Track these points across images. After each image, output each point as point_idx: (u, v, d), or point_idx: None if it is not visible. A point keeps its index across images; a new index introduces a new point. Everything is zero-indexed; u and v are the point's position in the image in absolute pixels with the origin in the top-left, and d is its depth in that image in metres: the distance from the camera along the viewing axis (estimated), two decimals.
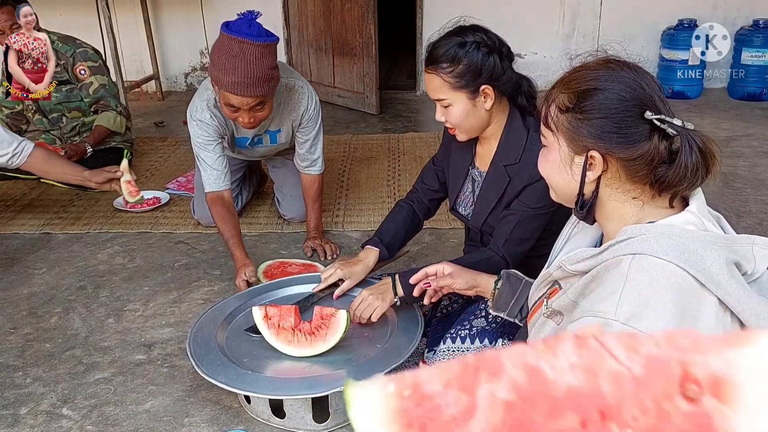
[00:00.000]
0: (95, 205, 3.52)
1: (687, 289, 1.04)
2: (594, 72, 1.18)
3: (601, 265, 1.13)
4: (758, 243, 1.13)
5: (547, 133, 1.24)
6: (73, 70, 3.60)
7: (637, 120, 1.13)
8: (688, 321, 1.03)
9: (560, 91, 1.20)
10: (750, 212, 3.21)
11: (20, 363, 2.24)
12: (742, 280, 1.07)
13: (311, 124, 2.87)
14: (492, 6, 5.37)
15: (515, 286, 1.69)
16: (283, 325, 1.93)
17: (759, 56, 5.14)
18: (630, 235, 1.11)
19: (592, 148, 1.16)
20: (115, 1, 5.39)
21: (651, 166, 1.13)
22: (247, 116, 2.46)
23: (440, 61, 1.82)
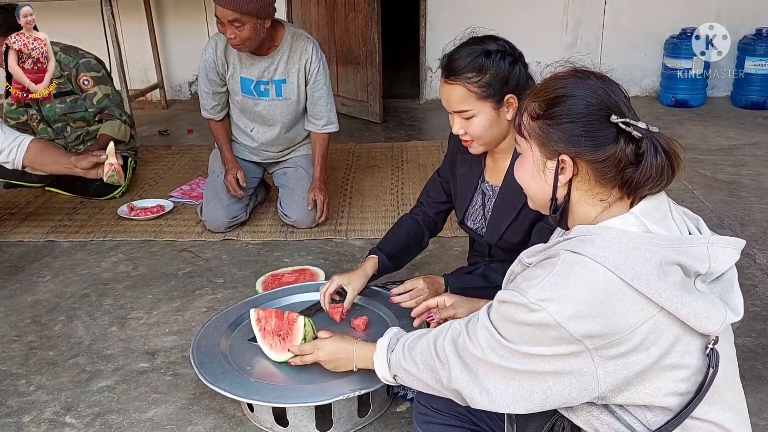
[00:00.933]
0: (99, 213, 3.52)
1: (607, 288, 1.11)
2: (563, 80, 1.24)
3: (544, 255, 1.23)
4: (715, 243, 1.18)
5: (520, 141, 1.29)
6: (76, 80, 3.62)
7: (604, 124, 1.18)
8: (606, 315, 1.11)
9: (531, 100, 1.26)
10: (754, 221, 3.20)
11: (24, 371, 2.24)
12: (676, 280, 1.12)
13: (320, 77, 3.12)
14: (495, 15, 5.38)
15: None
16: (267, 328, 1.94)
17: (762, 65, 5.14)
18: (575, 234, 1.20)
19: (563, 152, 1.21)
20: (121, 11, 5.42)
21: (619, 168, 1.18)
22: (230, 31, 2.84)
23: (465, 71, 1.77)
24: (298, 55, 3.08)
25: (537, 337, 1.15)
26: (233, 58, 3.10)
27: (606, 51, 5.61)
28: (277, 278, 2.70)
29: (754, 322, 2.39)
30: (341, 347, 1.69)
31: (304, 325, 1.84)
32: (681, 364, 1.15)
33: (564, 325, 1.11)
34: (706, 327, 1.13)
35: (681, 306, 1.11)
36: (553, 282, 1.14)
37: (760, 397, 2.02)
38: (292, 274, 2.73)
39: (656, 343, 1.13)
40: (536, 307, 1.13)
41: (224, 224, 3.17)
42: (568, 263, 1.15)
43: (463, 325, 1.31)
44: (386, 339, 1.53)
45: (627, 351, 1.12)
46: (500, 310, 1.21)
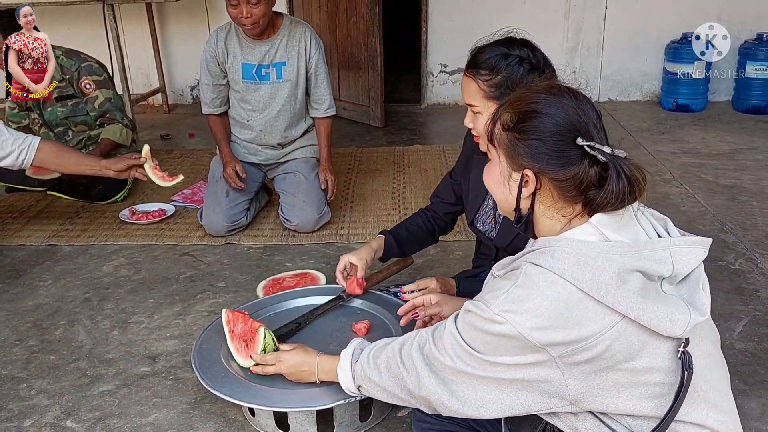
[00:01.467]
0: (101, 217, 3.53)
1: (567, 299, 1.13)
2: (536, 95, 1.25)
3: (509, 268, 1.26)
4: (677, 244, 1.20)
5: (491, 149, 1.32)
6: (78, 84, 3.62)
7: (570, 145, 1.20)
8: (567, 326, 1.13)
9: (505, 110, 1.28)
10: (756, 225, 3.20)
11: (25, 375, 2.24)
12: (636, 287, 1.13)
13: (321, 63, 3.28)
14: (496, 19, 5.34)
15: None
16: (235, 331, 1.94)
17: (763, 69, 5.14)
18: (537, 246, 1.23)
19: (527, 167, 1.23)
20: (122, 15, 5.43)
21: (581, 188, 1.20)
22: (246, 9, 2.96)
23: (480, 67, 1.79)
24: (297, 38, 3.21)
25: (501, 346, 1.17)
26: (234, 46, 3.21)
27: (607, 55, 5.61)
28: (278, 282, 2.70)
29: (757, 327, 2.39)
30: (303, 360, 1.70)
31: (264, 337, 1.83)
32: (652, 368, 1.16)
33: (526, 335, 1.13)
34: (671, 330, 1.14)
35: (642, 312, 1.12)
36: (516, 294, 1.16)
37: (763, 401, 2.01)
38: (293, 278, 2.73)
39: (623, 349, 1.14)
40: (500, 318, 1.15)
41: (224, 228, 3.18)
42: (529, 275, 1.17)
43: (429, 333, 1.33)
44: (350, 349, 1.55)
45: (592, 357, 1.13)
46: (466, 318, 1.24)
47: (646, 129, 4.90)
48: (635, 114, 5.33)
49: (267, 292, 2.60)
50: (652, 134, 4.76)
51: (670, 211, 3.33)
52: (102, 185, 3.65)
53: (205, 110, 3.37)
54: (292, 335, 2.06)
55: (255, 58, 3.20)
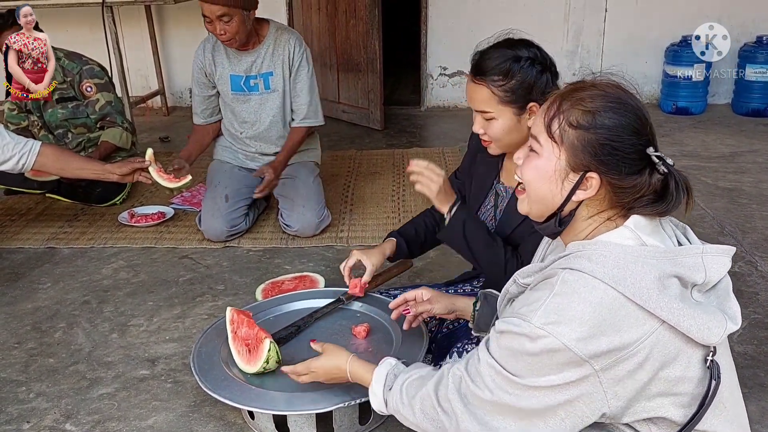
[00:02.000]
0: (100, 220, 3.52)
1: (609, 305, 1.10)
2: (609, 94, 1.20)
3: (541, 275, 1.22)
4: (709, 252, 1.18)
5: (545, 142, 1.23)
6: (79, 87, 3.62)
7: (641, 153, 1.17)
8: (610, 333, 1.09)
9: (572, 106, 1.20)
10: (755, 228, 3.20)
11: (24, 378, 2.24)
12: (676, 293, 1.12)
13: (302, 71, 3.21)
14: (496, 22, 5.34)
15: (494, 306, 1.69)
16: (238, 333, 1.94)
17: (763, 72, 5.14)
18: (571, 251, 1.19)
19: (593, 170, 1.18)
20: (122, 17, 5.43)
21: (635, 197, 1.18)
22: (219, 27, 2.94)
23: (492, 73, 1.76)
24: (282, 46, 3.17)
25: (545, 365, 1.12)
26: (221, 57, 3.19)
27: (606, 58, 5.61)
28: (277, 285, 2.69)
29: (756, 330, 2.39)
30: (335, 366, 1.60)
31: (269, 350, 1.84)
32: (684, 377, 1.14)
33: (571, 347, 1.09)
34: (707, 338, 1.12)
35: (682, 319, 1.10)
36: (555, 303, 1.12)
37: (762, 405, 2.01)
38: (292, 281, 2.73)
39: (660, 357, 1.12)
40: (542, 332, 1.10)
41: (224, 233, 3.17)
42: (567, 282, 1.13)
43: (463, 368, 1.25)
44: (383, 372, 1.44)
45: (632, 368, 1.11)
46: (502, 342, 1.17)
47: None
48: None
49: (266, 295, 2.59)
50: None
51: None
52: (101, 188, 3.65)
53: (197, 121, 3.38)
54: (291, 338, 2.05)
55: (242, 69, 3.18)
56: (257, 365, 1.85)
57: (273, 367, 1.87)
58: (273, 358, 1.85)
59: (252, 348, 1.88)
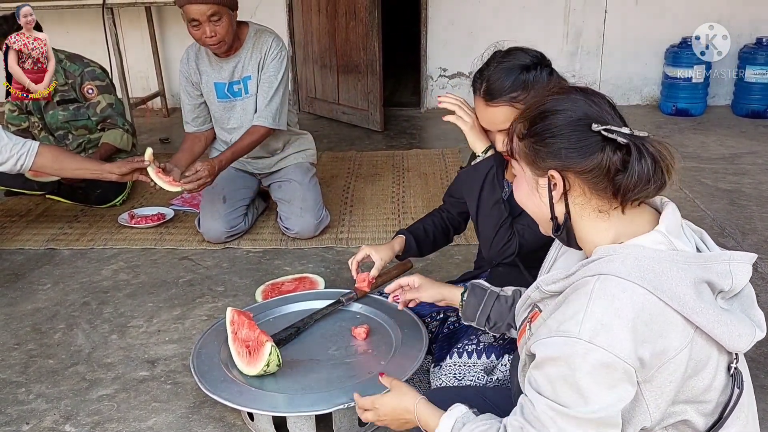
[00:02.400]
0: (100, 221, 3.52)
1: (650, 309, 1.07)
2: (544, 98, 1.24)
3: (571, 286, 1.17)
4: (736, 258, 1.16)
5: (514, 164, 1.30)
6: (81, 89, 3.62)
7: (586, 133, 1.17)
8: (652, 339, 1.07)
9: (518, 122, 1.27)
10: (755, 229, 3.20)
11: (23, 379, 2.24)
12: (710, 299, 1.10)
13: (271, 70, 3.07)
14: (496, 24, 5.39)
15: (479, 297, 1.72)
16: (238, 334, 1.94)
17: (763, 74, 5.14)
18: (599, 255, 1.15)
19: (551, 168, 1.20)
20: (122, 18, 5.44)
21: (609, 176, 1.16)
22: (209, 29, 2.84)
23: (509, 91, 1.74)
24: (259, 48, 3.09)
25: (597, 383, 1.07)
26: (204, 65, 3.14)
27: (606, 60, 5.62)
28: (277, 287, 2.69)
29: None
30: (402, 407, 1.45)
31: (270, 353, 1.84)
32: (711, 386, 1.13)
33: (621, 357, 1.05)
34: (737, 345, 1.11)
35: (717, 325, 1.08)
36: (597, 312, 1.08)
37: (763, 406, 2.01)
38: (291, 282, 2.73)
39: (692, 364, 1.10)
40: (591, 347, 1.06)
41: (224, 234, 3.17)
42: (604, 288, 1.09)
43: (521, 417, 1.17)
44: (451, 421, 1.32)
45: (671, 377, 1.09)
46: (549, 372, 1.12)
47: None
48: (635, 118, 5.32)
49: (266, 297, 2.59)
50: None
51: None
52: (101, 189, 3.65)
53: (188, 129, 3.28)
54: (291, 339, 2.05)
55: (225, 76, 3.11)
56: (257, 368, 1.85)
57: (273, 371, 1.87)
58: (274, 362, 1.85)
59: (252, 350, 1.88)
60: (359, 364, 1.93)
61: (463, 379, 1.85)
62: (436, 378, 1.90)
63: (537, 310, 1.30)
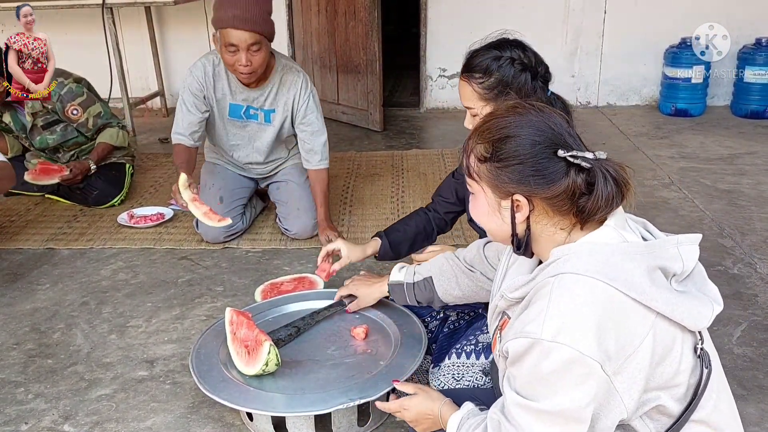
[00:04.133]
0: (99, 221, 3.52)
1: (609, 301, 1.11)
2: (503, 119, 1.24)
3: (533, 289, 1.20)
4: (683, 241, 1.20)
5: (471, 183, 1.29)
6: (64, 114, 3.55)
7: (552, 159, 1.19)
8: (614, 329, 1.09)
9: (476, 142, 1.27)
10: (754, 230, 3.20)
11: (22, 379, 2.23)
12: (664, 284, 1.14)
13: (310, 113, 3.08)
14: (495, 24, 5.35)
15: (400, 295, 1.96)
16: (237, 334, 1.94)
17: (762, 74, 5.14)
18: (556, 257, 1.19)
19: (516, 192, 1.21)
20: (121, 19, 5.43)
21: (573, 199, 1.19)
22: (245, 57, 2.77)
23: (474, 70, 1.87)
24: (287, 87, 3.04)
25: (563, 379, 1.10)
26: (222, 85, 3.03)
27: (606, 60, 5.62)
28: (276, 287, 2.69)
29: (756, 332, 2.38)
30: (428, 407, 1.52)
31: (268, 353, 1.84)
32: (679, 370, 1.16)
33: (585, 353, 1.07)
34: (699, 323, 1.14)
35: (676, 308, 1.12)
36: (557, 310, 1.11)
37: (762, 406, 2.01)
38: (291, 282, 2.72)
39: (659, 350, 1.13)
40: (554, 345, 1.09)
41: (221, 235, 3.16)
42: (563, 286, 1.13)
43: (499, 411, 1.23)
44: (457, 419, 1.38)
45: (639, 366, 1.11)
46: (521, 373, 1.15)
47: (644, 133, 4.90)
48: (634, 118, 5.33)
49: (265, 296, 2.59)
50: (650, 139, 4.76)
51: (669, 216, 3.33)
52: (99, 189, 3.65)
53: (178, 139, 3.04)
54: (291, 340, 2.06)
55: (242, 100, 3.06)
56: (256, 367, 1.85)
57: (272, 370, 1.87)
58: (272, 361, 1.85)
59: (251, 350, 1.88)
60: (358, 365, 1.93)
61: (462, 380, 1.85)
62: (435, 379, 1.91)
63: (506, 317, 1.33)
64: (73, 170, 3.51)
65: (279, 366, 1.87)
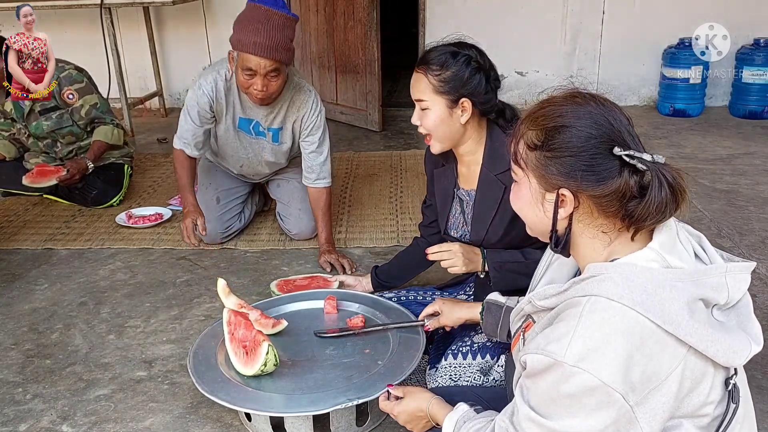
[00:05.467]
0: (97, 221, 3.52)
1: (640, 332, 1.04)
2: (560, 108, 1.17)
3: (563, 303, 1.14)
4: (731, 270, 1.13)
5: (517, 170, 1.24)
6: (61, 96, 3.56)
7: (607, 157, 1.12)
8: (642, 361, 1.04)
9: (528, 128, 1.20)
10: (753, 230, 3.20)
11: (20, 379, 2.23)
12: (704, 317, 1.07)
13: (315, 131, 2.99)
14: (495, 24, 5.40)
15: (496, 315, 1.72)
16: (235, 335, 1.94)
17: (760, 75, 5.15)
18: (592, 273, 1.12)
19: (563, 186, 1.16)
20: (120, 19, 5.44)
21: (622, 202, 1.12)
22: (261, 83, 2.66)
23: (431, 63, 1.91)
24: (296, 106, 2.96)
25: (584, 405, 1.05)
26: (234, 100, 2.93)
27: (604, 60, 5.62)
28: (290, 283, 2.67)
29: None
30: (418, 407, 1.52)
31: (267, 353, 1.84)
32: (707, 401, 1.11)
33: (607, 382, 1.03)
34: (733, 361, 1.08)
35: (711, 344, 1.06)
36: (585, 336, 1.05)
37: (761, 407, 2.01)
38: (304, 279, 2.71)
39: (687, 383, 1.08)
40: (576, 370, 1.04)
41: (219, 235, 3.16)
42: (594, 311, 1.07)
43: (508, 420, 1.19)
44: (453, 420, 1.37)
45: (665, 399, 1.06)
46: (538, 386, 1.11)
47: (643, 134, 4.90)
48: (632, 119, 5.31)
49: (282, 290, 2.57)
50: (649, 139, 4.76)
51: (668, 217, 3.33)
52: (98, 189, 3.65)
53: (181, 146, 3.00)
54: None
55: (253, 116, 2.99)
56: (255, 368, 1.85)
57: (271, 370, 1.87)
58: (271, 362, 1.85)
59: (249, 350, 1.88)
60: (356, 365, 1.93)
61: (459, 380, 1.86)
62: (433, 379, 1.91)
63: (531, 320, 1.29)
64: (70, 170, 3.50)
65: (277, 366, 1.87)
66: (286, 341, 2.06)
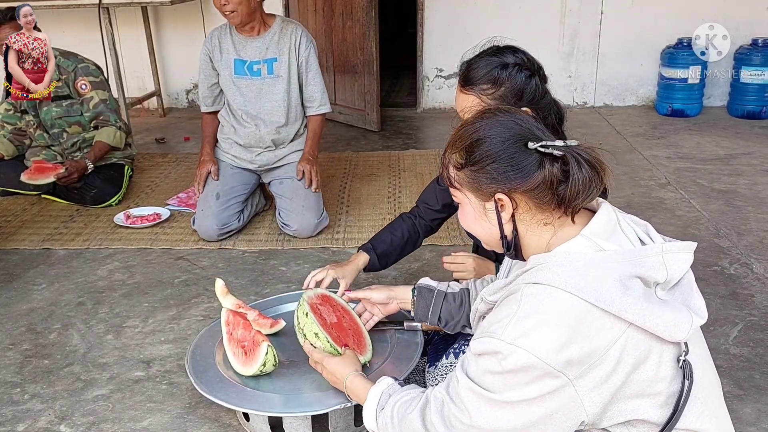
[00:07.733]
0: (95, 221, 3.52)
1: (576, 313, 1.12)
2: (473, 126, 1.28)
3: (506, 292, 1.24)
4: (669, 250, 1.20)
5: (455, 193, 1.33)
6: (74, 85, 3.61)
7: (524, 152, 1.22)
8: (579, 339, 1.11)
9: (451, 153, 1.31)
10: (751, 230, 3.20)
11: (18, 379, 2.23)
12: (639, 293, 1.13)
13: (312, 60, 3.29)
14: (492, 24, 5.39)
15: (427, 299, 1.81)
16: (234, 334, 1.93)
17: (758, 74, 5.15)
18: (531, 265, 1.21)
19: (497, 191, 1.24)
20: (118, 18, 5.43)
21: (552, 189, 1.21)
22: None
23: (480, 82, 1.78)
24: (288, 35, 3.24)
25: (521, 380, 1.13)
26: (227, 43, 3.26)
27: (602, 60, 5.63)
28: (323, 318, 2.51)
29: (752, 332, 2.39)
30: (339, 371, 1.65)
31: (266, 353, 1.84)
32: (657, 377, 1.16)
33: (544, 359, 1.10)
34: (675, 335, 1.14)
35: (648, 318, 1.12)
36: (522, 318, 1.14)
37: (758, 407, 2.01)
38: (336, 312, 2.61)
39: (631, 359, 1.13)
40: (512, 348, 1.12)
41: (215, 232, 3.17)
42: (531, 295, 1.16)
43: (444, 391, 1.27)
44: (378, 391, 1.45)
45: (606, 373, 1.12)
46: (479, 363, 1.19)
47: (641, 134, 4.91)
48: (630, 119, 5.34)
49: None
50: (647, 139, 4.77)
51: (666, 216, 3.34)
52: (96, 189, 3.65)
53: (204, 109, 3.45)
54: None
55: (247, 55, 3.24)
56: (253, 368, 1.85)
57: (269, 371, 1.87)
58: (270, 362, 1.85)
59: (248, 350, 1.88)
60: None
61: None
62: (432, 379, 1.90)
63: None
64: (69, 168, 3.50)
65: (276, 366, 1.87)
66: (284, 341, 2.05)
